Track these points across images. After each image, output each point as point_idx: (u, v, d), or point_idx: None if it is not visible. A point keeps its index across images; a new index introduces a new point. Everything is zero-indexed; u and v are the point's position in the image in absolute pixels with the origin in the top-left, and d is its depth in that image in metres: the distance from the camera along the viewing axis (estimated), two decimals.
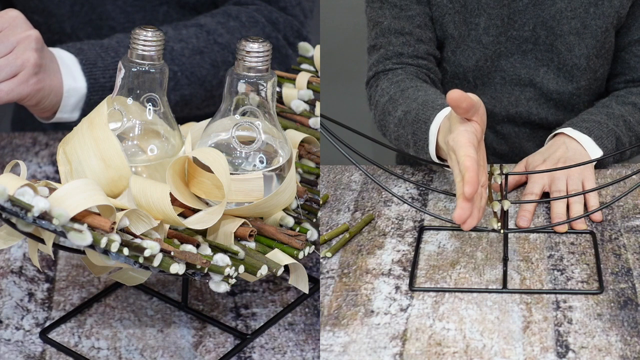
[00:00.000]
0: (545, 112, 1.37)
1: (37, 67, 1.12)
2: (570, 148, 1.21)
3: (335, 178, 1.26)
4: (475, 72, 1.34)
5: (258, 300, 1.04)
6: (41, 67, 1.13)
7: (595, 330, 0.95)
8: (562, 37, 1.31)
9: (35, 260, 0.93)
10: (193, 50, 1.27)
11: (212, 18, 1.32)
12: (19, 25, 1.13)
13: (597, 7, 1.30)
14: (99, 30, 1.40)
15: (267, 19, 1.34)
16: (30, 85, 1.12)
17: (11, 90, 1.11)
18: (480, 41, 1.32)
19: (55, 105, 1.18)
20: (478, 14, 1.31)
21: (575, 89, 1.35)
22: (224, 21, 1.31)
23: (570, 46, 1.32)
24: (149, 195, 0.89)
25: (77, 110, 1.20)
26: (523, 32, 1.31)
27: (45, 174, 1.25)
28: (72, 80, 1.18)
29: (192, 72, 1.27)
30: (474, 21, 1.32)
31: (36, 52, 1.12)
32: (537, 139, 1.37)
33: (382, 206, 1.19)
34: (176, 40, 1.27)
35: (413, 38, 1.32)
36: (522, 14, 1.30)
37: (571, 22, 1.30)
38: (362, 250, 1.10)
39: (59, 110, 1.19)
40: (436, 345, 0.94)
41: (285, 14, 1.36)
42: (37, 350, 0.96)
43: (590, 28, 1.31)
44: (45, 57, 1.15)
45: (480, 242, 1.10)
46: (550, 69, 1.34)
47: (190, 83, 1.27)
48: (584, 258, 1.07)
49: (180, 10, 1.41)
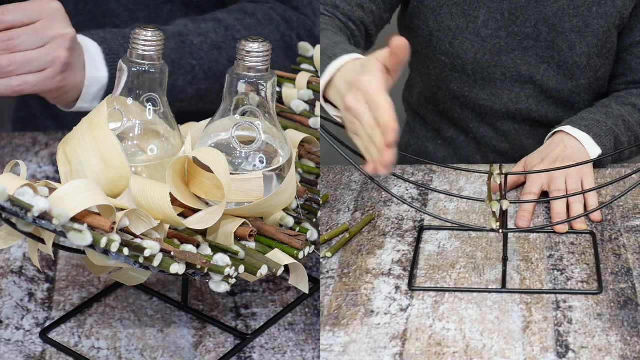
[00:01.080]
0: (545, 109, 1.37)
1: (66, 65, 1.14)
2: (569, 146, 1.21)
3: (335, 178, 1.26)
4: (474, 65, 1.34)
5: (258, 300, 1.04)
6: (69, 66, 1.14)
7: (595, 330, 0.95)
8: (564, 34, 1.31)
9: (35, 260, 0.93)
10: (211, 45, 1.27)
11: (229, 14, 1.32)
12: (58, 20, 1.13)
13: (600, 7, 1.30)
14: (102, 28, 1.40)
15: (282, 17, 1.34)
16: (55, 82, 1.14)
17: (36, 84, 1.13)
18: (479, 34, 1.32)
19: (76, 96, 1.18)
20: (477, 6, 1.31)
21: (575, 87, 1.35)
22: (240, 17, 1.31)
23: (572, 44, 1.32)
24: (149, 195, 0.89)
25: (97, 100, 1.20)
26: (524, 28, 1.31)
27: (45, 174, 1.25)
28: (94, 69, 1.18)
29: (209, 67, 1.27)
30: (472, 14, 1.31)
31: (68, 51, 1.13)
32: (537, 137, 1.37)
33: (382, 206, 1.19)
34: (195, 34, 1.26)
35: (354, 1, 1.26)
36: (523, 10, 1.30)
37: (573, 20, 1.30)
38: (362, 250, 1.10)
39: (79, 99, 1.19)
40: (436, 345, 0.94)
41: (298, 12, 1.36)
42: (37, 350, 0.96)
43: (592, 27, 1.31)
44: (75, 55, 1.15)
45: (480, 242, 1.10)
46: (550, 66, 1.34)
47: (207, 78, 1.27)
48: (584, 258, 1.07)
49: (184, 9, 1.41)
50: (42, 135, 1.33)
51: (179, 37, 1.25)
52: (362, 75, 0.91)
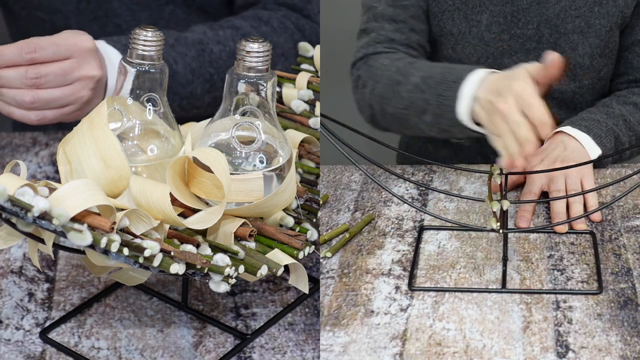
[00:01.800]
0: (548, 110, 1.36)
1: (86, 104, 1.17)
2: (569, 147, 1.21)
3: (335, 178, 1.26)
4: None
5: (258, 300, 1.04)
6: (89, 103, 1.17)
7: (595, 330, 0.95)
8: (566, 35, 1.31)
9: (35, 260, 0.93)
10: (229, 53, 1.28)
11: (244, 21, 1.32)
12: (88, 62, 1.16)
13: (602, 6, 1.30)
14: (105, 28, 1.41)
15: (295, 25, 1.34)
16: (72, 116, 1.18)
17: (54, 119, 1.17)
18: (482, 38, 1.32)
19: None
20: (480, 10, 1.31)
21: (578, 87, 1.35)
22: (256, 25, 1.32)
23: (574, 45, 1.32)
24: (149, 195, 0.89)
25: None
26: (527, 30, 1.31)
27: (45, 174, 1.25)
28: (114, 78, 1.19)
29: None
30: (475, 18, 1.31)
31: (91, 91, 1.17)
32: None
33: (382, 206, 1.19)
34: (214, 42, 1.27)
35: (406, 27, 1.31)
36: (525, 11, 1.30)
37: (575, 21, 1.30)
38: (362, 250, 1.10)
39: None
40: (436, 345, 0.94)
41: (310, 21, 1.37)
42: (37, 350, 0.96)
43: (594, 27, 1.31)
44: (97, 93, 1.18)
45: (480, 242, 1.10)
46: None
47: None
48: (584, 258, 1.07)
49: (187, 10, 1.41)
50: (42, 135, 1.33)
51: (199, 46, 1.26)
52: (513, 81, 0.99)
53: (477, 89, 1.06)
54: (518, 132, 0.97)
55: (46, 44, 1.13)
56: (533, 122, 0.97)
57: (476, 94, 1.06)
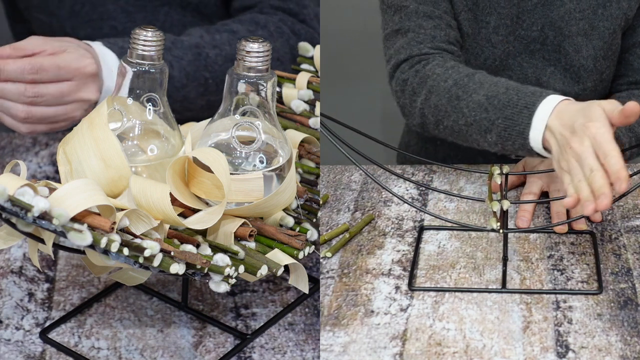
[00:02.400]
0: None
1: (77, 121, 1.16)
2: None
3: (335, 178, 1.26)
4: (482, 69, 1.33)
5: (258, 300, 1.04)
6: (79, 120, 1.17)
7: (595, 330, 0.95)
8: (570, 38, 1.31)
9: (35, 260, 0.93)
10: (225, 57, 1.28)
11: (241, 25, 1.32)
12: (87, 86, 1.17)
13: (606, 9, 1.30)
14: (100, 30, 1.41)
15: (291, 30, 1.35)
16: (62, 128, 1.19)
17: (45, 132, 1.19)
18: (489, 40, 1.31)
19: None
20: (489, 12, 1.30)
21: (582, 90, 1.35)
22: (253, 29, 1.32)
23: (578, 47, 1.31)
24: (149, 195, 0.89)
25: None
26: (531, 32, 1.31)
27: (45, 174, 1.25)
28: (110, 81, 1.19)
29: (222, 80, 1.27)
30: (484, 19, 1.31)
31: (85, 112, 1.18)
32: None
33: (382, 206, 1.19)
34: (211, 46, 1.27)
35: (443, 22, 1.27)
36: (530, 13, 1.30)
37: (579, 23, 1.30)
38: (362, 250, 1.10)
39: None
40: (436, 345, 0.94)
41: (306, 25, 1.37)
42: (37, 350, 0.96)
43: (598, 29, 1.30)
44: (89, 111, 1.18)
45: (480, 242, 1.10)
46: (557, 69, 1.34)
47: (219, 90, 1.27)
48: (584, 258, 1.07)
49: (182, 12, 1.41)
50: (42, 135, 1.33)
51: (196, 49, 1.26)
52: (590, 121, 0.96)
53: (550, 118, 1.03)
54: (592, 180, 0.93)
55: (50, 66, 1.14)
56: (608, 172, 0.92)
57: (549, 124, 1.03)
